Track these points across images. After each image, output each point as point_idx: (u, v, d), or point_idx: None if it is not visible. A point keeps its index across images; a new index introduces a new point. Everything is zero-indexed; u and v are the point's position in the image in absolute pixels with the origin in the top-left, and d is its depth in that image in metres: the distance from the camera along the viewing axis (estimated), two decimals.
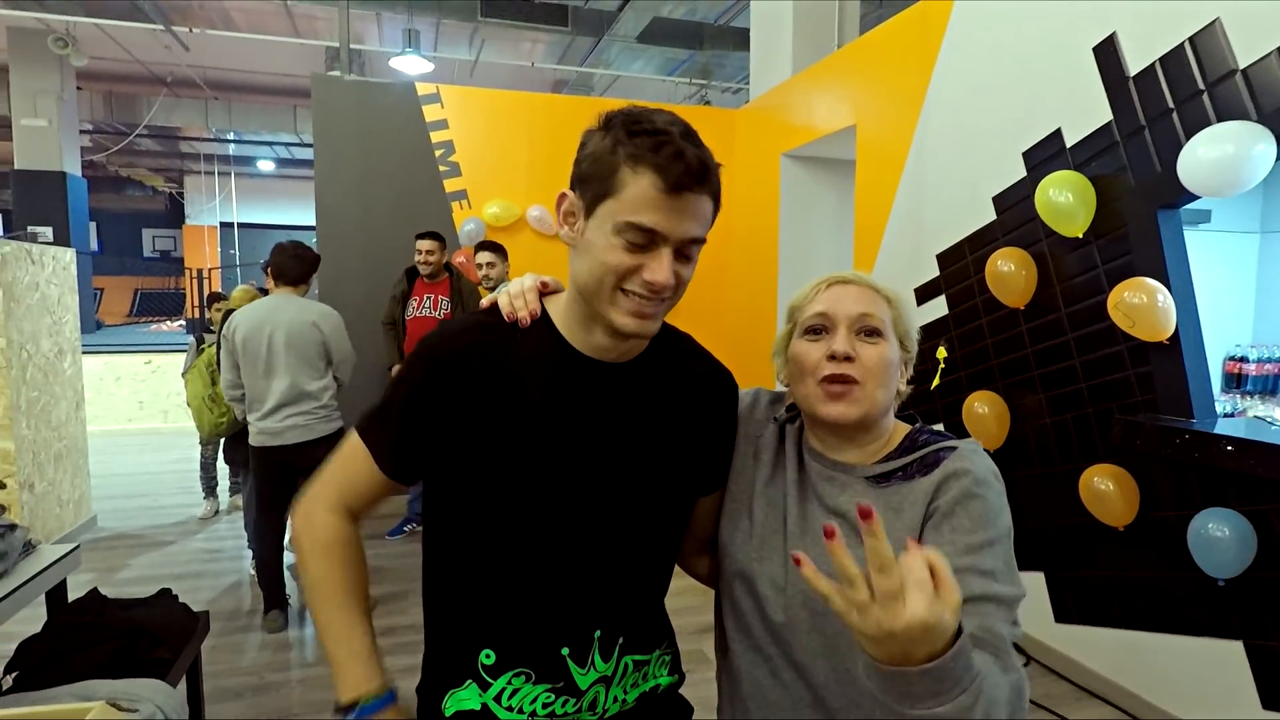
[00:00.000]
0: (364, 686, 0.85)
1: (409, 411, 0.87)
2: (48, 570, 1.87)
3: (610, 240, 0.78)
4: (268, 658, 2.80)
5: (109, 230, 15.52)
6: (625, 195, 0.76)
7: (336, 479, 0.92)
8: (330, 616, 0.89)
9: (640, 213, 0.76)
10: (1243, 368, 3.23)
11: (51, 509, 3.77)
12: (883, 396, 0.88)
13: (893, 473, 0.89)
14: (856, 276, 0.93)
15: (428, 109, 4.53)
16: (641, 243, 0.77)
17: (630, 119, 0.78)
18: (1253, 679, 2.05)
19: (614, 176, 0.77)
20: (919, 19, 3.22)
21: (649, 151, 0.75)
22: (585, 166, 0.80)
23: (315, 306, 2.98)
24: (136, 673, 1.74)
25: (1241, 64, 2.01)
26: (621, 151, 0.76)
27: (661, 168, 0.75)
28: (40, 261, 3.72)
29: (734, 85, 8.85)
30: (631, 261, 0.78)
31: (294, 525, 0.93)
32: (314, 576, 0.90)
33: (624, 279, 0.78)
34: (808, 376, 0.89)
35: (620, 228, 0.77)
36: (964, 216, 2.97)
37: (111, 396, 7.15)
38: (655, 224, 0.76)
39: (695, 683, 1.04)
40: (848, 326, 0.88)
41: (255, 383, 2.90)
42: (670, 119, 0.78)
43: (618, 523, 0.89)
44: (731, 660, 0.96)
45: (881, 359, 0.88)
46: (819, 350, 0.89)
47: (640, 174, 0.76)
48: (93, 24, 7.42)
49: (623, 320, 0.80)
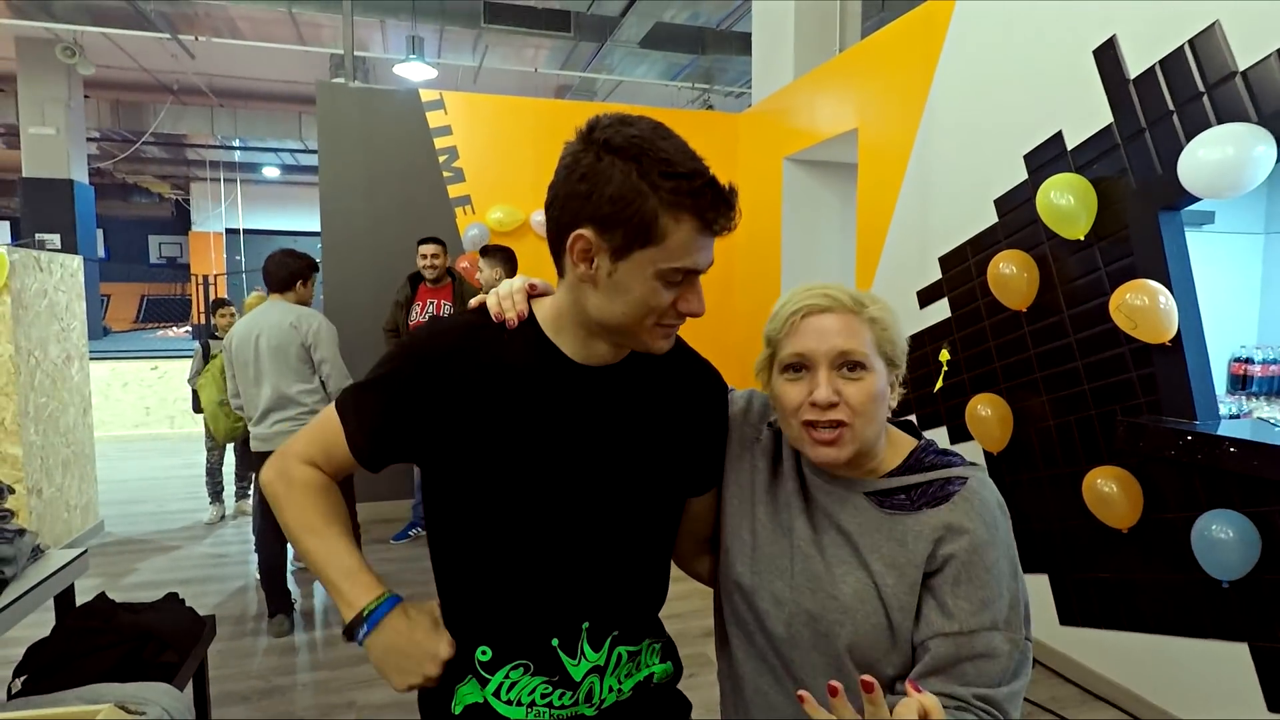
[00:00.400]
0: (364, 598, 0.87)
1: (388, 404, 0.88)
2: (56, 575, 1.89)
3: (653, 285, 0.80)
4: (274, 662, 2.81)
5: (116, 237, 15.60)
6: (670, 243, 0.77)
7: (311, 439, 0.93)
8: (313, 545, 0.90)
9: (686, 258, 0.79)
10: (1248, 369, 3.22)
11: (59, 514, 3.80)
12: (873, 431, 0.86)
13: (896, 491, 0.87)
14: (832, 300, 0.87)
15: (431, 115, 4.55)
16: (680, 281, 0.81)
17: (657, 159, 0.75)
18: (1258, 681, 2.05)
19: (654, 225, 0.76)
20: (920, 22, 3.23)
21: (688, 196, 0.76)
22: (610, 210, 0.76)
23: (296, 310, 3.00)
24: (144, 676, 1.75)
25: (1241, 66, 2.02)
26: (658, 197, 0.76)
27: (703, 213, 0.77)
28: (48, 269, 3.75)
29: (736, 90, 8.87)
30: (670, 297, 0.81)
31: (265, 476, 0.94)
32: (292, 516, 0.91)
33: (664, 315, 0.82)
34: (791, 417, 0.87)
35: (665, 273, 0.79)
36: (966, 219, 2.98)
37: (119, 402, 7.19)
38: (698, 264, 0.80)
39: (698, 685, 1.05)
40: (828, 365, 0.85)
41: (247, 390, 2.97)
42: (684, 149, 0.78)
43: (604, 519, 0.90)
44: (734, 666, 0.96)
45: (867, 395, 0.84)
46: (799, 392, 0.86)
47: (683, 221, 0.77)
48: (100, 33, 7.48)
49: (660, 344, 0.85)
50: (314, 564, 0.90)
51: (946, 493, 0.85)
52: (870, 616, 0.83)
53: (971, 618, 0.79)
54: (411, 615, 0.89)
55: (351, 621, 0.86)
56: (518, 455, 0.86)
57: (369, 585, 0.88)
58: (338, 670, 2.74)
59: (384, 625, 0.86)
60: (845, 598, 0.84)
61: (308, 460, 0.93)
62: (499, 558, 0.89)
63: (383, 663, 0.86)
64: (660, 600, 1.01)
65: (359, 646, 0.86)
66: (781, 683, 0.89)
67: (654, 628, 1.00)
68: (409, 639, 0.86)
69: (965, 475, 0.86)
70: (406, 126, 4.52)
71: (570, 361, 0.88)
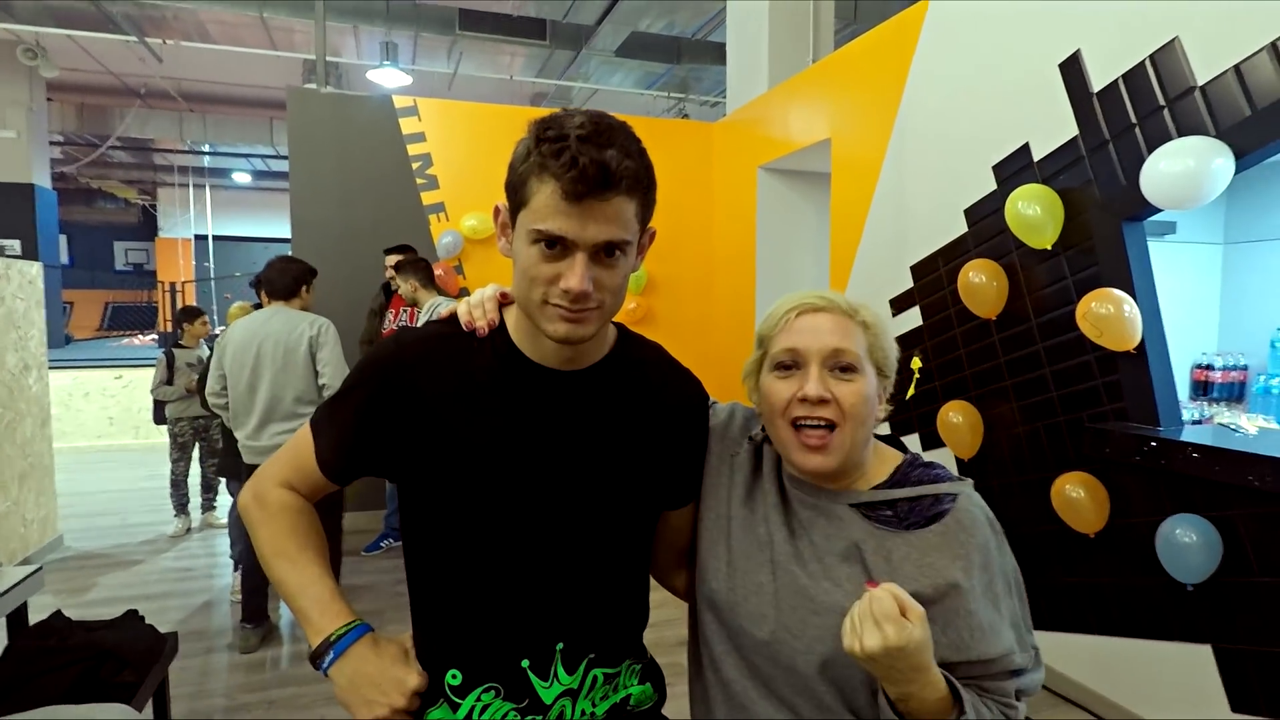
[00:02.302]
0: (330, 626, 0.84)
1: (356, 417, 0.87)
2: (8, 593, 1.82)
3: (528, 249, 0.78)
4: (240, 679, 2.74)
5: (80, 243, 15.24)
6: (534, 204, 0.76)
7: (286, 461, 0.93)
8: (285, 572, 0.88)
9: (546, 220, 0.75)
10: (1209, 375, 3.31)
11: (15, 529, 3.68)
12: (861, 436, 0.84)
13: (882, 505, 0.85)
14: (828, 302, 0.87)
15: (405, 122, 4.51)
16: (555, 250, 0.77)
17: (542, 125, 0.77)
18: (1221, 681, 2.09)
19: (526, 185, 0.77)
20: (892, 34, 3.27)
21: (551, 159, 0.74)
22: (508, 177, 0.80)
23: (305, 318, 2.92)
24: (102, 697, 1.69)
25: (1200, 81, 2.07)
26: (532, 159, 0.76)
27: (559, 175, 0.74)
28: (6, 275, 3.64)
29: (712, 99, 8.94)
30: (550, 270, 0.77)
31: (242, 499, 0.93)
32: (265, 540, 0.90)
33: (547, 289, 0.78)
34: (778, 417, 0.85)
35: (532, 236, 0.77)
36: (937, 229, 3.02)
37: (80, 413, 6.99)
38: (561, 230, 0.75)
39: (672, 695, 1.04)
40: (820, 363, 0.83)
41: (239, 395, 2.86)
42: (583, 121, 0.75)
43: (574, 533, 0.87)
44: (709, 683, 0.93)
45: (858, 397, 0.83)
46: (789, 389, 0.84)
47: (545, 181, 0.75)
48: (63, 35, 7.32)
49: (553, 328, 0.79)
50: (285, 591, 0.88)
51: (936, 511, 0.82)
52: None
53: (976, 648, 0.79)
54: (380, 644, 0.86)
55: (318, 647, 0.83)
56: (482, 464, 0.84)
57: (339, 613, 0.85)
58: (306, 687, 2.68)
59: (350, 653, 0.83)
60: (826, 613, 0.81)
61: (283, 483, 0.91)
62: (467, 573, 0.87)
63: (347, 693, 0.82)
64: (641, 620, 0.98)
65: (324, 676, 0.83)
66: (758, 700, 0.87)
67: (635, 648, 0.97)
68: (376, 667, 0.83)
69: (955, 492, 0.84)
70: (379, 133, 4.48)
71: (534, 365, 0.87)
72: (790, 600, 0.84)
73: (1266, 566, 1.96)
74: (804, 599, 0.83)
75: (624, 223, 0.77)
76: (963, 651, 0.79)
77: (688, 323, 4.90)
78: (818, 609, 0.82)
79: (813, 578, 0.84)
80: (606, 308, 0.81)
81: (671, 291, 4.93)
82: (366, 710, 0.82)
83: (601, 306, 0.80)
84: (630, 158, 0.76)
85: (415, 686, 0.84)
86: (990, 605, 0.81)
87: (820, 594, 0.83)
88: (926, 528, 0.82)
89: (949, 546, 0.81)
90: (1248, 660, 2.02)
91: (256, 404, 2.84)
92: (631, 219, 0.78)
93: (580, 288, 0.75)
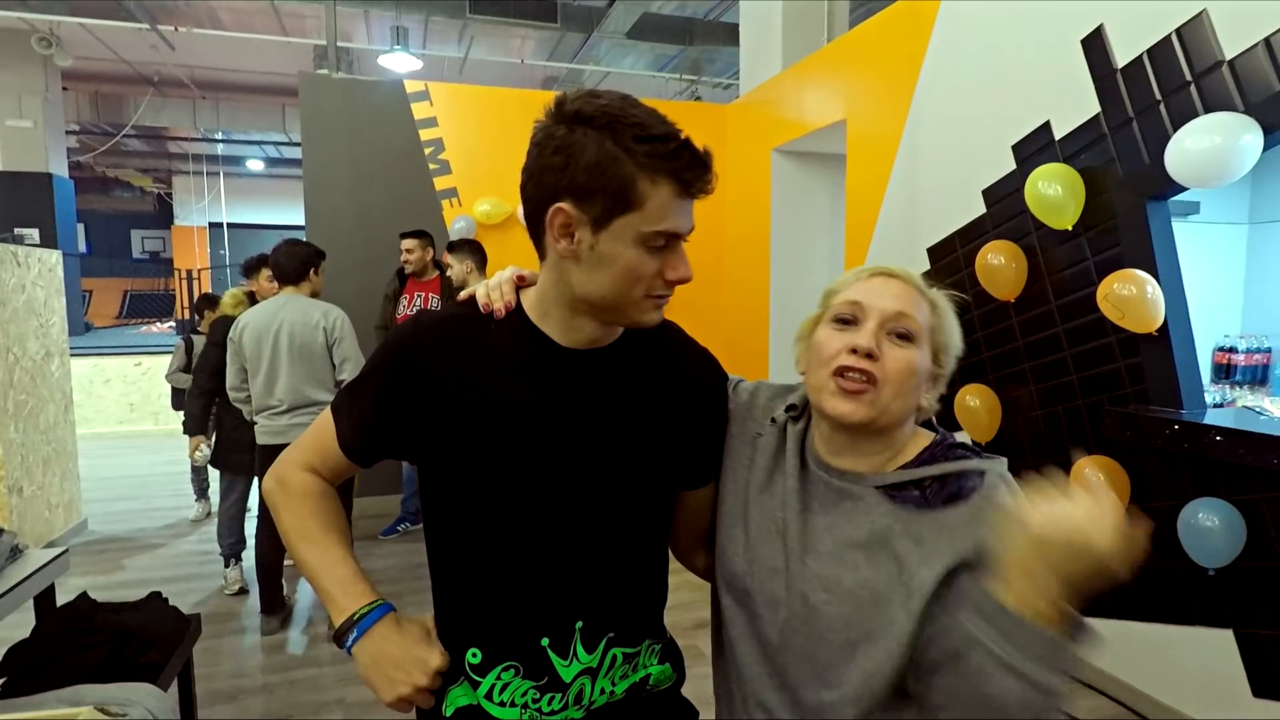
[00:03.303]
0: (354, 605, 0.85)
1: (378, 399, 0.88)
2: (35, 575, 1.86)
3: (636, 252, 0.78)
4: (262, 660, 2.79)
5: (97, 232, 15.38)
6: (649, 207, 0.77)
7: (308, 445, 0.94)
8: (309, 554, 0.89)
9: (666, 220, 0.77)
10: (1231, 358, 3.25)
11: (40, 513, 3.74)
12: (899, 407, 0.82)
13: (907, 485, 0.82)
14: (905, 272, 0.86)
15: (416, 107, 4.50)
16: (663, 246, 0.79)
17: (630, 124, 0.75)
18: (1243, 666, 2.07)
19: (633, 190, 0.76)
20: (908, 12, 3.21)
21: (663, 159, 0.75)
22: (587, 179, 0.75)
23: (318, 305, 2.93)
24: (127, 677, 1.72)
25: (1228, 55, 2.02)
26: (634, 162, 0.75)
27: (681, 175, 0.76)
28: (26, 264, 3.68)
29: (724, 81, 8.84)
30: (656, 266, 0.80)
31: (266, 484, 0.94)
32: (289, 524, 0.91)
33: (651, 284, 0.80)
34: (823, 366, 0.83)
35: (648, 238, 0.78)
36: (954, 210, 2.98)
37: (101, 399, 7.09)
38: (679, 228, 0.79)
39: (690, 678, 1.04)
40: (879, 322, 0.82)
41: (258, 385, 2.88)
42: (655, 114, 0.78)
43: (594, 512, 0.88)
44: (730, 664, 0.92)
45: (907, 365, 0.81)
46: (841, 340, 0.82)
47: (660, 184, 0.76)
48: (77, 23, 7.35)
49: (651, 317, 0.83)
50: (309, 572, 0.89)
51: (962, 489, 0.79)
52: (872, 615, 0.78)
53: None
54: (403, 624, 0.87)
55: (341, 627, 0.84)
56: (501, 443, 0.84)
57: (362, 593, 0.86)
58: (326, 667, 2.72)
59: (373, 632, 0.84)
60: (839, 601, 0.80)
61: (306, 466, 0.93)
62: (487, 552, 0.87)
63: (370, 671, 0.83)
64: (660, 599, 0.99)
65: (347, 655, 0.84)
66: (778, 682, 0.86)
67: (655, 628, 0.97)
68: (399, 646, 0.84)
69: (983, 469, 0.81)
70: (391, 118, 4.47)
71: (556, 346, 0.87)
72: (802, 586, 0.82)
73: None
74: (817, 586, 0.82)
75: None
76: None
77: (701, 307, 4.88)
78: (832, 597, 0.80)
79: (825, 563, 0.82)
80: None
81: None
82: (390, 689, 0.83)
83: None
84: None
85: (438, 666, 0.85)
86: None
87: (833, 580, 0.81)
88: (954, 506, 0.79)
89: (978, 523, 0.77)
90: (1270, 645, 2.00)
91: (276, 394, 2.86)
92: None
93: (690, 273, 0.82)
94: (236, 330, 2.90)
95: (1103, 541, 0.62)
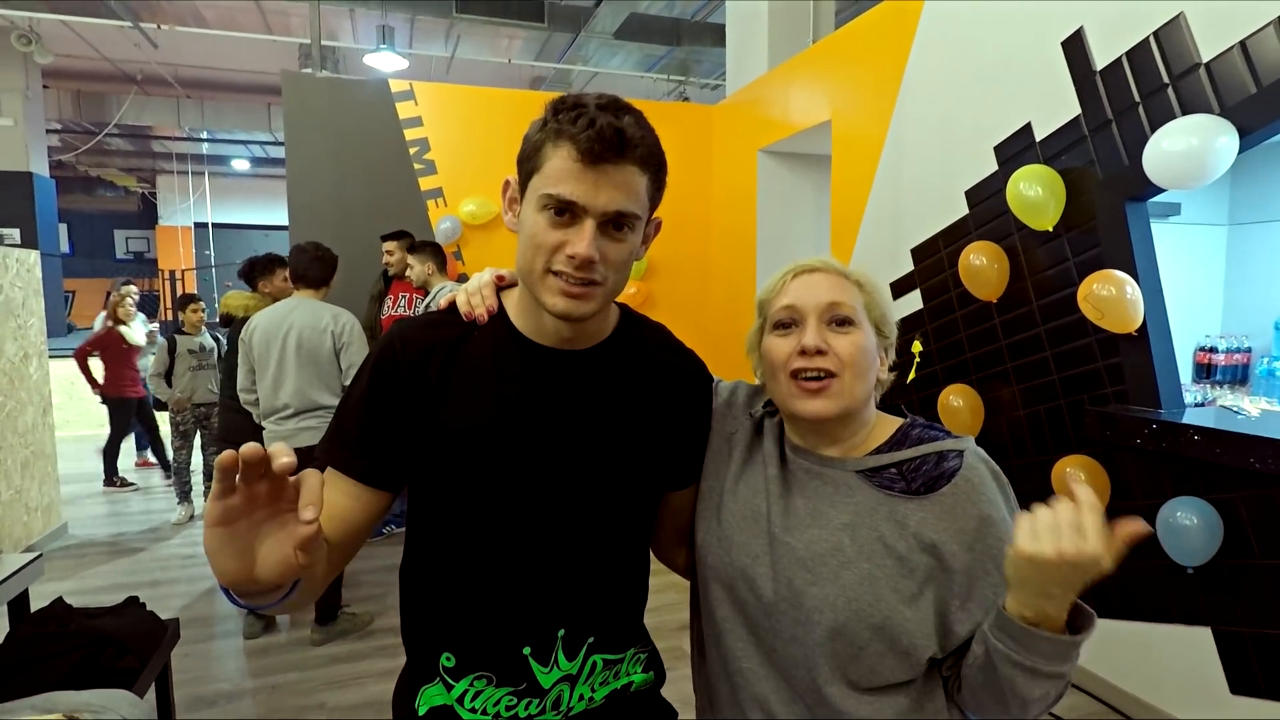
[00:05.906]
0: None
1: (367, 414, 0.85)
2: (8, 580, 1.83)
3: (536, 216, 0.78)
4: (242, 664, 2.76)
5: (80, 232, 15.19)
6: (547, 169, 0.77)
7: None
8: None
9: (558, 183, 0.76)
10: (1212, 358, 3.29)
11: (19, 517, 3.69)
12: (861, 388, 0.85)
13: (885, 468, 0.85)
14: (823, 263, 0.90)
15: (402, 106, 4.47)
16: (564, 216, 0.77)
17: (559, 100, 0.79)
18: (1220, 664, 2.09)
19: (540, 152, 0.78)
20: (892, 14, 3.23)
21: (568, 125, 0.75)
22: (522, 149, 0.81)
23: (330, 311, 2.89)
24: (103, 683, 1.70)
25: (1205, 58, 2.04)
26: (548, 127, 0.77)
27: (576, 137, 0.75)
28: (3, 264, 3.63)
29: (712, 81, 8.85)
30: (556, 237, 0.77)
31: None
32: None
33: (551, 257, 0.77)
34: (779, 372, 0.86)
35: (543, 201, 0.77)
36: (938, 211, 2.99)
37: (84, 401, 6.98)
38: (573, 194, 0.75)
39: (672, 680, 1.04)
40: (817, 317, 0.85)
41: (266, 387, 2.84)
42: (603, 98, 0.78)
43: (577, 516, 0.87)
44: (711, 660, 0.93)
45: (856, 348, 0.84)
46: (789, 344, 0.86)
47: (559, 146, 0.76)
48: (57, 21, 7.26)
49: (552, 300, 0.78)
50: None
51: (943, 471, 0.82)
52: (857, 599, 0.80)
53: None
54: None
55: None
56: (484, 445, 0.83)
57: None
58: (308, 671, 2.70)
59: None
60: (824, 583, 0.81)
61: None
62: (472, 559, 0.86)
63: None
64: (641, 603, 0.98)
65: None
66: (760, 672, 0.87)
67: (637, 634, 0.97)
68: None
69: (959, 448, 0.84)
70: (376, 118, 4.44)
71: (537, 347, 0.86)
72: (787, 571, 0.84)
73: (1267, 549, 1.95)
74: (801, 569, 0.83)
75: (635, 195, 0.78)
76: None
77: (687, 307, 4.88)
78: (816, 579, 0.82)
79: (810, 547, 0.84)
80: (609, 286, 0.80)
81: (671, 276, 4.90)
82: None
83: (604, 284, 0.79)
84: (645, 132, 0.78)
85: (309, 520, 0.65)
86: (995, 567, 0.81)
87: (818, 564, 0.82)
88: (936, 491, 0.82)
89: (962, 508, 0.81)
90: (1247, 643, 2.02)
91: (283, 396, 2.82)
92: (642, 194, 0.79)
93: (586, 253, 0.75)
94: (247, 331, 2.88)
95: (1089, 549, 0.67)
